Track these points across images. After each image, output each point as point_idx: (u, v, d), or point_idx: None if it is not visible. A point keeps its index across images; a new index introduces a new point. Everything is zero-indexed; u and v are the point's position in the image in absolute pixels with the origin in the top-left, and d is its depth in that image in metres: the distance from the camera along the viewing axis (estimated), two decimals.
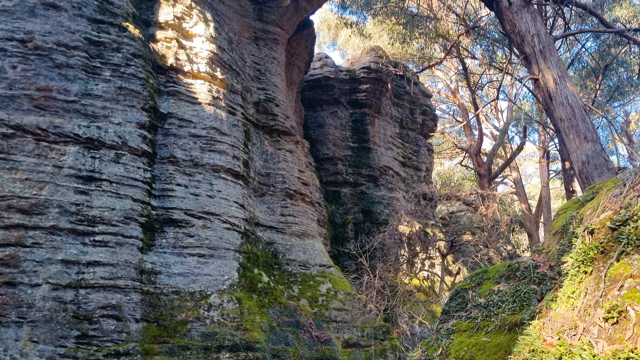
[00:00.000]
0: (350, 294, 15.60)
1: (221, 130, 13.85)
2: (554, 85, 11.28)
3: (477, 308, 4.87)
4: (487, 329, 4.56)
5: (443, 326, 4.99)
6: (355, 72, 22.50)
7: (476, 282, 5.35)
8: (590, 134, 10.99)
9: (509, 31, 12.22)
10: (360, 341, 14.79)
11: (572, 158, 11.14)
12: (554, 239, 5.57)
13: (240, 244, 13.37)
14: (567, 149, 11.24)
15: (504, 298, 4.78)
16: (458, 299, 5.22)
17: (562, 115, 11.17)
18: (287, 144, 16.49)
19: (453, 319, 4.96)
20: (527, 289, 4.71)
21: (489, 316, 4.75)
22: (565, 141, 11.26)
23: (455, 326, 4.81)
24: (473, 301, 4.98)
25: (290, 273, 15.01)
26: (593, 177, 10.67)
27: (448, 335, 4.81)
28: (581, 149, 10.89)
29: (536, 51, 11.65)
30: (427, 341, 5.06)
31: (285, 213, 15.71)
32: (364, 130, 22.29)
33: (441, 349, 4.58)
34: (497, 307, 4.75)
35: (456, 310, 5.09)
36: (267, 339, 12.35)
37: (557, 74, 11.36)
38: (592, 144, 10.87)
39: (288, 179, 16.00)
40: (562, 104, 11.17)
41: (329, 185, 21.41)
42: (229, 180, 13.73)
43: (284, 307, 13.61)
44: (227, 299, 12.24)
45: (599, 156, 10.80)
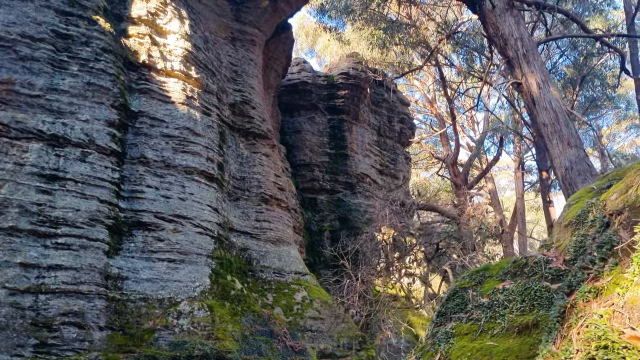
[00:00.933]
0: (326, 302, 15.14)
1: (195, 131, 13.34)
2: (537, 90, 11.09)
3: (479, 309, 4.48)
4: (493, 332, 4.16)
5: (440, 329, 4.58)
6: (333, 77, 22.21)
7: (477, 280, 4.96)
8: (574, 139, 10.81)
9: (492, 34, 12.03)
10: (336, 351, 14.32)
11: (555, 164, 10.93)
12: (565, 231, 5.21)
13: (212, 249, 12.83)
14: (550, 155, 11.04)
15: (510, 297, 4.39)
16: (456, 299, 4.82)
17: (546, 120, 10.97)
18: (263, 147, 16.04)
19: (452, 321, 4.56)
20: (538, 286, 4.32)
21: (494, 317, 4.35)
22: (548, 147, 11.06)
23: (455, 329, 4.41)
24: (474, 301, 4.58)
25: (264, 280, 14.50)
26: (576, 183, 10.46)
27: (447, 339, 4.40)
28: (564, 155, 10.69)
29: (519, 55, 11.46)
30: (421, 347, 4.65)
31: (261, 218, 15.22)
32: (342, 136, 21.96)
33: (439, 355, 4.17)
34: (503, 308, 4.36)
35: (455, 312, 4.69)
36: (239, 349, 11.80)
37: (541, 78, 11.18)
38: (575, 149, 10.69)
39: (264, 183, 15.53)
40: (545, 109, 10.98)
41: (305, 191, 20.99)
42: (202, 182, 13.21)
43: (258, 316, 13.08)
44: (198, 306, 11.68)
45: (583, 162, 10.62)
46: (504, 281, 4.68)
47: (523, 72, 11.39)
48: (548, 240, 5.70)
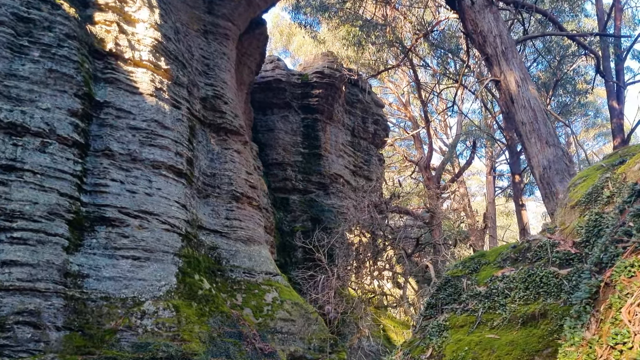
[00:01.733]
0: (297, 303, 14.72)
1: (163, 124, 12.82)
2: (516, 88, 10.93)
3: (475, 298, 4.13)
4: (492, 324, 3.80)
5: (430, 322, 4.22)
6: (307, 76, 21.85)
7: (471, 268, 4.62)
8: (552, 138, 10.66)
9: (471, 31, 11.85)
10: (306, 354, 13.92)
11: (533, 163, 10.77)
12: (572, 213, 4.89)
13: (180, 247, 12.32)
14: (528, 154, 10.87)
15: (512, 285, 4.03)
16: (448, 289, 4.46)
17: (524, 119, 10.81)
18: (235, 143, 15.57)
19: (444, 313, 4.20)
20: (544, 272, 3.97)
21: (492, 308, 3.99)
22: (526, 145, 10.89)
23: (449, 321, 4.05)
24: (469, 290, 4.23)
25: (234, 280, 14.02)
26: (554, 182, 10.31)
27: (439, 332, 4.04)
28: (543, 154, 10.53)
29: (498, 52, 11.29)
30: (408, 341, 4.28)
31: (231, 217, 14.74)
32: (316, 136, 21.60)
33: (431, 350, 3.82)
34: (504, 297, 4.00)
35: (447, 303, 4.33)
36: (206, 351, 11.31)
37: (520, 76, 11.02)
38: (553, 148, 10.54)
39: (235, 180, 15.05)
40: (524, 107, 10.82)
41: (277, 191, 20.55)
42: (171, 178, 12.68)
43: (226, 317, 12.60)
44: (164, 306, 11.16)
45: (561, 161, 10.47)
46: (502, 268, 4.35)
47: (502, 69, 11.22)
48: (550, 224, 5.38)
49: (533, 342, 3.35)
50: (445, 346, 3.78)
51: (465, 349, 3.62)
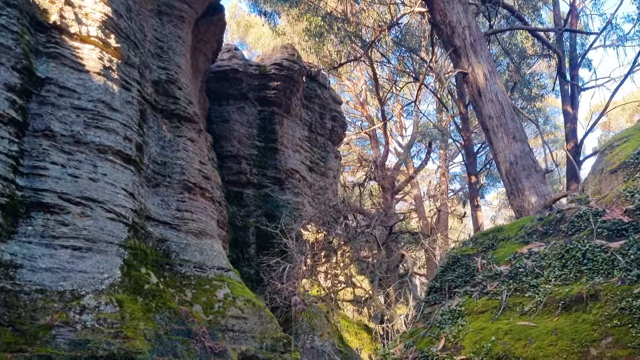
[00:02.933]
0: (250, 300, 14.06)
1: (112, 106, 11.93)
2: (484, 81, 10.66)
3: (495, 279, 3.61)
4: (523, 309, 3.29)
5: (436, 309, 3.68)
6: (265, 67, 21.19)
7: (485, 245, 4.10)
8: (519, 133, 10.44)
9: (439, 21, 11.53)
10: (258, 354, 13.27)
11: (499, 158, 10.51)
12: (611, 179, 4.41)
13: (126, 238, 11.46)
14: (494, 149, 10.61)
15: (543, 263, 3.52)
16: (458, 270, 3.93)
17: (491, 113, 10.55)
18: (189, 131, 14.76)
19: (455, 297, 3.66)
20: (587, 246, 3.46)
21: (520, 290, 3.46)
22: (492, 140, 10.62)
23: (464, 306, 3.52)
24: (486, 271, 3.71)
25: (183, 275, 13.23)
26: (521, 178, 10.07)
27: (453, 319, 3.50)
28: (509, 149, 10.29)
29: (467, 44, 11.00)
30: (409, 332, 3.74)
31: (182, 208, 13.93)
32: (272, 129, 20.96)
33: (444, 341, 3.29)
34: (534, 277, 3.48)
35: (458, 285, 3.79)
36: (151, 349, 10.51)
37: (488, 69, 10.76)
38: (520, 143, 10.31)
39: (187, 170, 14.25)
40: (491, 101, 10.56)
41: (231, 185, 19.79)
42: (118, 164, 11.81)
43: (174, 313, 11.81)
44: (106, 300, 10.30)
45: (527, 157, 10.25)
46: (528, 244, 3.85)
47: (470, 62, 10.94)
48: (580, 194, 4.86)
49: (585, 330, 2.85)
50: (464, 336, 3.27)
51: (492, 339, 3.10)
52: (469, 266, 3.94)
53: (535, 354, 2.93)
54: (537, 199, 9.59)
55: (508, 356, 3.02)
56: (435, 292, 4.00)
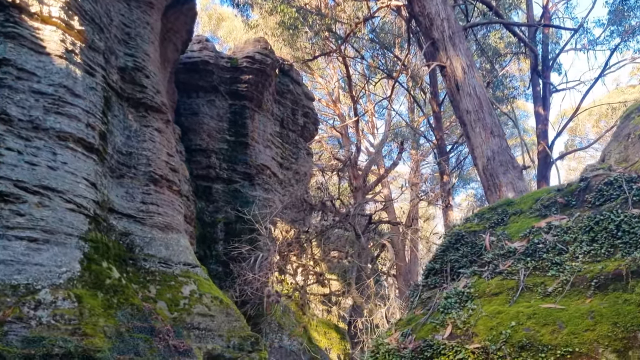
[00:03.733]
0: (217, 298, 13.58)
1: (74, 91, 11.33)
2: (462, 75, 10.45)
3: (509, 257, 3.26)
4: (546, 289, 2.93)
5: (436, 292, 3.31)
6: (237, 60, 20.69)
7: (493, 220, 3.74)
8: (497, 128, 10.27)
9: (418, 13, 11.28)
10: (225, 353, 12.81)
11: (477, 153, 10.31)
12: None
13: (86, 231, 10.88)
14: (472, 144, 10.41)
15: (567, 237, 3.17)
16: (462, 248, 3.56)
17: (469, 107, 10.35)
18: (156, 121, 14.20)
19: (462, 279, 3.30)
20: (622, 217, 3.11)
21: (541, 269, 3.10)
22: (470, 135, 10.43)
23: (474, 288, 3.16)
24: (497, 248, 3.36)
25: (147, 270, 12.67)
26: (498, 174, 9.89)
27: (461, 303, 3.13)
28: (487, 144, 10.10)
29: (445, 37, 10.78)
30: (406, 319, 3.37)
31: (147, 201, 13.37)
32: (243, 124, 20.46)
33: (451, 327, 2.94)
34: (557, 253, 3.13)
35: (462, 266, 3.43)
36: (111, 347, 9.97)
37: (466, 63, 10.56)
38: (498, 139, 10.14)
39: (154, 161, 13.70)
40: (469, 95, 10.36)
41: (199, 179, 19.23)
42: (79, 152, 11.22)
43: (137, 310, 11.27)
44: (63, 295, 9.72)
45: (505, 153, 10.08)
46: (546, 217, 3.51)
47: (448, 55, 10.72)
48: (603, 164, 4.53)
49: (629, 312, 2.50)
50: (476, 322, 2.92)
51: (511, 324, 2.75)
52: (475, 244, 3.60)
53: (568, 341, 2.57)
54: (515, 195, 9.41)
55: (533, 344, 2.66)
56: (435, 274, 3.64)
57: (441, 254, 3.71)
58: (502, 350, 2.74)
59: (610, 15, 22.61)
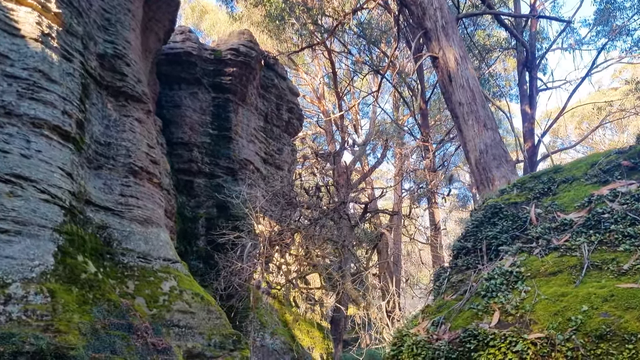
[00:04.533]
0: (198, 294, 13.13)
1: (50, 77, 10.80)
2: (455, 66, 10.17)
3: (563, 231, 2.85)
4: (620, 267, 2.54)
5: (469, 275, 2.88)
6: (221, 52, 20.23)
7: (538, 190, 3.33)
8: (490, 121, 10.00)
9: (409, 2, 10.97)
10: (206, 351, 12.37)
11: (469, 147, 10.04)
12: None
13: (61, 223, 10.37)
14: (464, 137, 10.14)
15: None
16: (501, 223, 3.13)
17: (462, 99, 10.07)
18: (137, 111, 13.70)
19: (506, 257, 2.89)
20: None
21: (608, 243, 2.69)
22: (462, 128, 10.15)
23: (524, 267, 2.77)
24: (546, 221, 2.97)
25: (125, 265, 12.17)
26: (491, 168, 9.62)
27: (508, 284, 2.74)
28: (480, 137, 9.83)
29: (438, 26, 10.50)
30: (435, 305, 2.96)
31: (127, 193, 12.87)
32: (226, 117, 20.00)
33: (499, 313, 2.53)
34: (629, 224, 2.74)
35: (502, 242, 3.03)
36: (86, 345, 9.48)
37: (459, 54, 10.28)
38: (491, 132, 9.87)
39: (134, 152, 13.20)
40: (462, 87, 10.08)
41: (180, 173, 18.73)
42: (55, 140, 10.70)
43: (114, 306, 10.79)
44: (35, 290, 9.22)
45: (498, 146, 9.82)
46: (607, 183, 3.13)
47: (441, 45, 10.43)
48: None
49: None
50: (533, 306, 2.52)
51: (582, 309, 2.33)
52: (517, 217, 3.20)
53: None
54: None
55: (615, 332, 2.26)
56: (467, 254, 3.23)
57: (474, 231, 3.30)
58: (573, 341, 2.30)
59: (597, 15, 22.60)
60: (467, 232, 3.31)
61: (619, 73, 44.44)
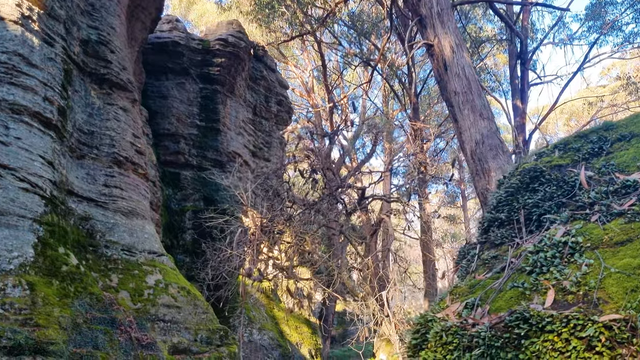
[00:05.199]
0: (184, 288, 12.78)
1: (30, 61, 10.38)
2: (450, 54, 9.90)
3: (626, 195, 2.51)
4: None
5: (505, 250, 2.51)
6: (209, 42, 19.81)
7: (586, 151, 2.99)
8: (486, 111, 9.75)
9: None
10: (192, 347, 12.02)
11: (465, 137, 9.78)
12: None
13: (42, 213, 9.96)
14: (459, 127, 9.88)
15: None
16: (543, 188, 2.77)
17: (458, 88, 9.81)
18: (121, 100, 13.28)
19: (555, 226, 2.55)
20: None
21: None
22: (458, 117, 9.90)
23: (583, 235, 2.40)
24: (601, 184, 2.63)
25: (109, 258, 11.78)
26: (487, 158, 9.38)
27: (562, 257, 2.36)
28: (476, 127, 9.58)
29: (433, 13, 10.22)
30: (466, 285, 2.60)
31: (111, 184, 12.47)
32: (215, 109, 19.61)
33: (553, 292, 2.17)
34: None
35: (547, 211, 2.64)
36: (67, 340, 9.11)
37: (455, 42, 10.02)
38: (487, 122, 9.62)
39: (118, 142, 12.80)
40: (458, 75, 9.82)
41: (167, 165, 18.31)
42: (35, 127, 10.28)
43: (97, 300, 10.41)
44: (14, 282, 8.82)
45: (494, 136, 9.57)
46: None
47: (436, 32, 10.16)
48: None
49: None
50: (602, 281, 2.16)
51: None
52: (564, 182, 2.85)
53: None
54: None
55: None
56: (500, 226, 2.88)
57: (508, 200, 2.94)
58: None
59: (588, 10, 22.48)
60: (498, 201, 2.97)
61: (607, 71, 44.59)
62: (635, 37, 21.28)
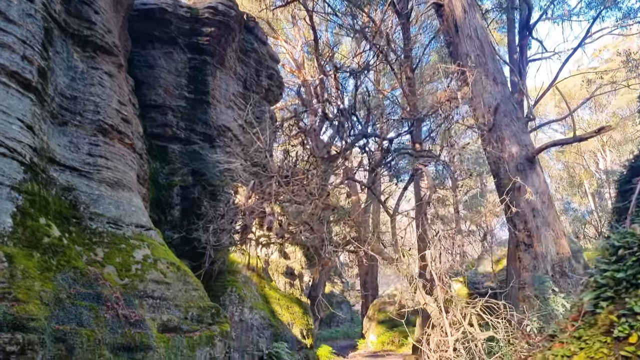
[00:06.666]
0: (174, 264, 12.15)
1: (7, 16, 9.56)
2: (462, 14, 9.27)
3: None
4: None
5: None
6: (198, 11, 18.94)
7: None
8: (500, 75, 9.19)
9: None
10: (182, 325, 11.42)
11: (476, 103, 9.17)
12: None
13: (21, 180, 9.22)
14: (472, 92, 9.25)
15: None
16: None
17: (469, 51, 9.21)
18: (106, 64, 12.48)
19: None
20: None
21: None
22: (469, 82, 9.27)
23: None
24: None
25: (94, 231, 11.08)
26: (501, 125, 8.80)
27: None
28: (489, 92, 8.97)
29: None
30: None
31: (95, 153, 11.72)
32: (204, 80, 18.81)
33: None
34: None
35: None
36: (49, 315, 8.45)
37: (467, 1, 9.35)
38: (501, 86, 9.07)
39: (103, 109, 12.02)
40: (469, 37, 9.21)
41: (154, 137, 17.53)
42: (13, 88, 9.48)
43: (81, 274, 9.73)
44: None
45: (508, 102, 9.02)
46: None
47: None
48: None
49: None
50: None
51: None
52: None
53: None
54: (519, 148, 8.37)
55: None
56: None
57: None
58: None
59: None
60: None
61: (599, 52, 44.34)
62: (635, 13, 20.82)
